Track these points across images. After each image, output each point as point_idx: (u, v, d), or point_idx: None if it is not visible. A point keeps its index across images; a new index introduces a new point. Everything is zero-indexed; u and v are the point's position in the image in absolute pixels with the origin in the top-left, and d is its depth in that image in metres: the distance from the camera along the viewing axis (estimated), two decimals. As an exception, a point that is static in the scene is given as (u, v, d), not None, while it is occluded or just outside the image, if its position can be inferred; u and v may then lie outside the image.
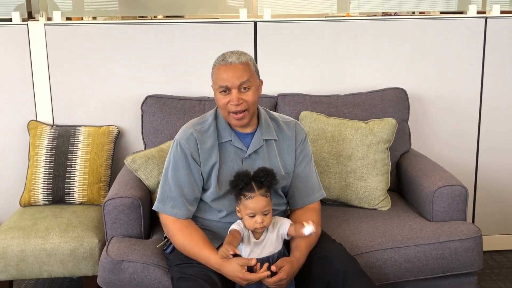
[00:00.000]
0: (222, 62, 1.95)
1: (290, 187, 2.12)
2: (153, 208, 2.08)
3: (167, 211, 2.01)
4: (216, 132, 2.03)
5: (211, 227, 2.07)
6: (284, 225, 1.95)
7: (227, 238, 1.88)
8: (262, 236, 1.93)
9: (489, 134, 3.07)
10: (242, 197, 1.89)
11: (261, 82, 2.05)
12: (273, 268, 1.84)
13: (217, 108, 2.09)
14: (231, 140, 2.03)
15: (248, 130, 2.05)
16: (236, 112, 1.95)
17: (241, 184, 1.89)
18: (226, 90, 1.94)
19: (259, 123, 2.07)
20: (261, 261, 1.88)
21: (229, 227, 2.06)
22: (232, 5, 3.34)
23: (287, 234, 1.94)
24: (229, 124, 2.04)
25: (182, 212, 2.00)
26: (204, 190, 2.05)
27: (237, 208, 1.95)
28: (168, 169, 2.03)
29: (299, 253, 1.93)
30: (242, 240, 1.90)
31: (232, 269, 1.83)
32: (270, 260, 1.91)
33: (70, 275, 2.41)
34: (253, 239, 1.92)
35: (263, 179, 1.90)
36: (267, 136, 2.07)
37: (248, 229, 1.92)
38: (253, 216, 1.88)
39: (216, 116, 2.07)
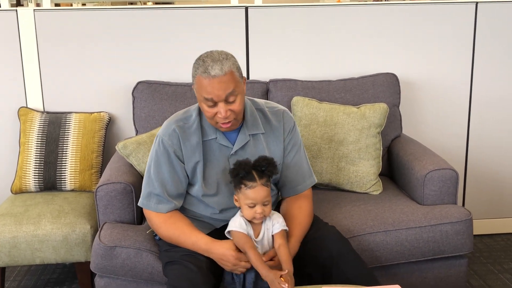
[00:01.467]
0: (205, 74, 1.81)
1: (281, 177, 2.07)
2: (138, 205, 2.04)
3: (152, 207, 1.98)
4: (200, 129, 1.97)
5: (202, 219, 2.05)
6: (276, 225, 1.88)
7: (255, 256, 1.78)
8: (261, 234, 1.87)
9: (479, 119, 3.09)
10: (243, 186, 1.83)
11: (245, 79, 1.95)
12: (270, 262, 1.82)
13: None
14: (216, 137, 1.97)
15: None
16: (224, 122, 1.88)
17: (242, 173, 1.82)
18: (212, 103, 1.84)
19: (244, 118, 2.00)
20: None
21: (223, 221, 2.03)
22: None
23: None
24: None
25: (167, 207, 1.97)
26: (191, 185, 2.01)
27: (235, 197, 1.88)
28: (151, 166, 1.99)
29: (294, 240, 1.93)
30: None
31: (226, 246, 1.83)
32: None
33: (63, 262, 2.41)
34: (253, 237, 1.86)
35: (264, 168, 1.84)
36: (254, 131, 2.00)
37: (247, 224, 1.86)
38: (252, 206, 1.83)
39: (200, 113, 2.00)
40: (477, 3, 2.97)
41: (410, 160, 2.53)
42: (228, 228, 1.87)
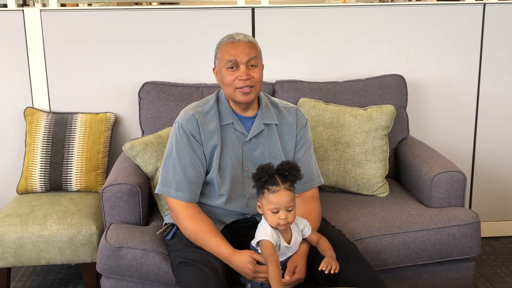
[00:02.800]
0: (230, 40, 1.97)
1: None
2: (155, 192, 2.06)
3: (172, 194, 1.98)
4: (218, 115, 2.02)
5: (214, 215, 2.04)
6: (306, 228, 1.91)
7: (273, 269, 1.73)
8: (292, 240, 1.86)
9: (487, 121, 3.08)
10: (266, 190, 1.78)
11: (263, 66, 2.05)
12: (287, 278, 1.82)
13: (218, 91, 2.08)
14: (232, 123, 2.02)
15: (250, 114, 2.05)
16: (243, 87, 1.94)
17: (265, 177, 1.78)
18: (234, 66, 1.94)
19: (259, 107, 2.06)
20: (284, 262, 1.86)
21: (231, 213, 2.04)
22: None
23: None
24: (231, 108, 2.04)
25: (187, 196, 1.97)
26: (206, 172, 2.03)
27: (258, 203, 1.84)
28: (171, 152, 2.01)
29: (306, 243, 1.93)
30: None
31: (244, 260, 1.84)
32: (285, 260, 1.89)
33: (68, 262, 2.41)
34: (284, 244, 1.84)
35: (288, 173, 1.79)
36: (268, 121, 2.06)
37: (277, 233, 1.82)
38: (276, 212, 1.78)
39: (217, 99, 2.06)
40: (485, 4, 2.95)
41: (417, 162, 2.52)
42: (258, 238, 1.82)
